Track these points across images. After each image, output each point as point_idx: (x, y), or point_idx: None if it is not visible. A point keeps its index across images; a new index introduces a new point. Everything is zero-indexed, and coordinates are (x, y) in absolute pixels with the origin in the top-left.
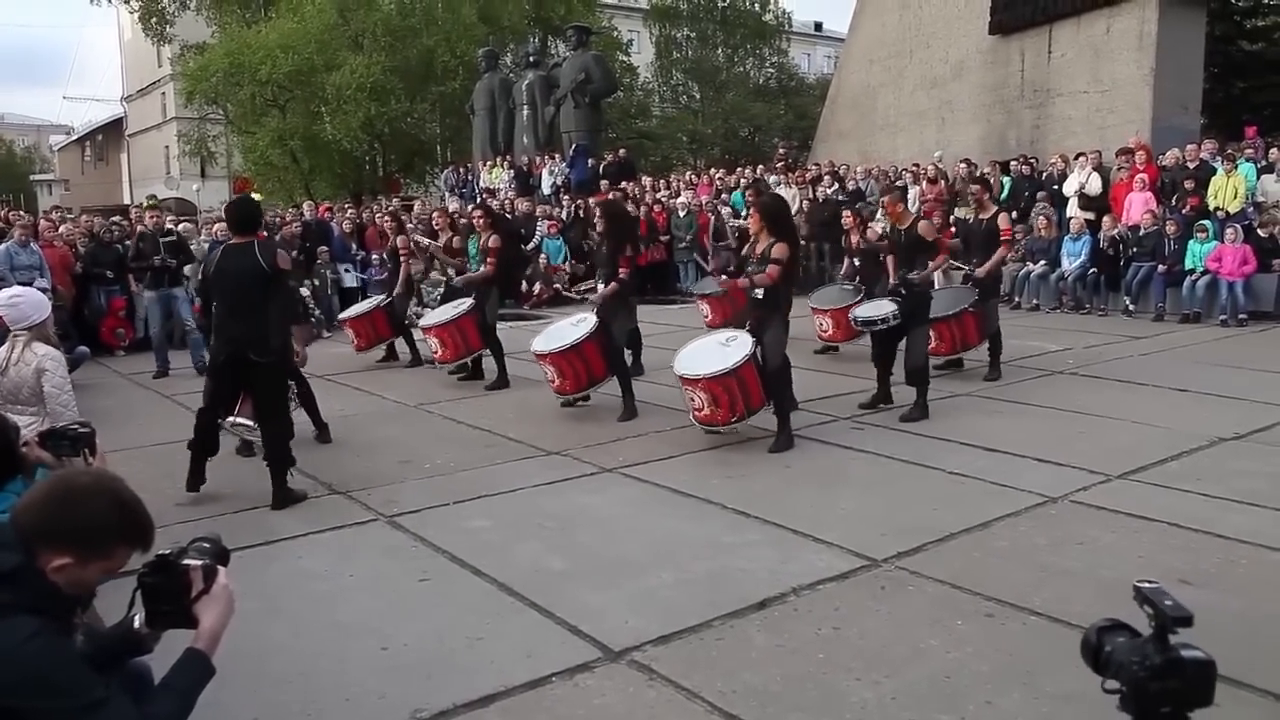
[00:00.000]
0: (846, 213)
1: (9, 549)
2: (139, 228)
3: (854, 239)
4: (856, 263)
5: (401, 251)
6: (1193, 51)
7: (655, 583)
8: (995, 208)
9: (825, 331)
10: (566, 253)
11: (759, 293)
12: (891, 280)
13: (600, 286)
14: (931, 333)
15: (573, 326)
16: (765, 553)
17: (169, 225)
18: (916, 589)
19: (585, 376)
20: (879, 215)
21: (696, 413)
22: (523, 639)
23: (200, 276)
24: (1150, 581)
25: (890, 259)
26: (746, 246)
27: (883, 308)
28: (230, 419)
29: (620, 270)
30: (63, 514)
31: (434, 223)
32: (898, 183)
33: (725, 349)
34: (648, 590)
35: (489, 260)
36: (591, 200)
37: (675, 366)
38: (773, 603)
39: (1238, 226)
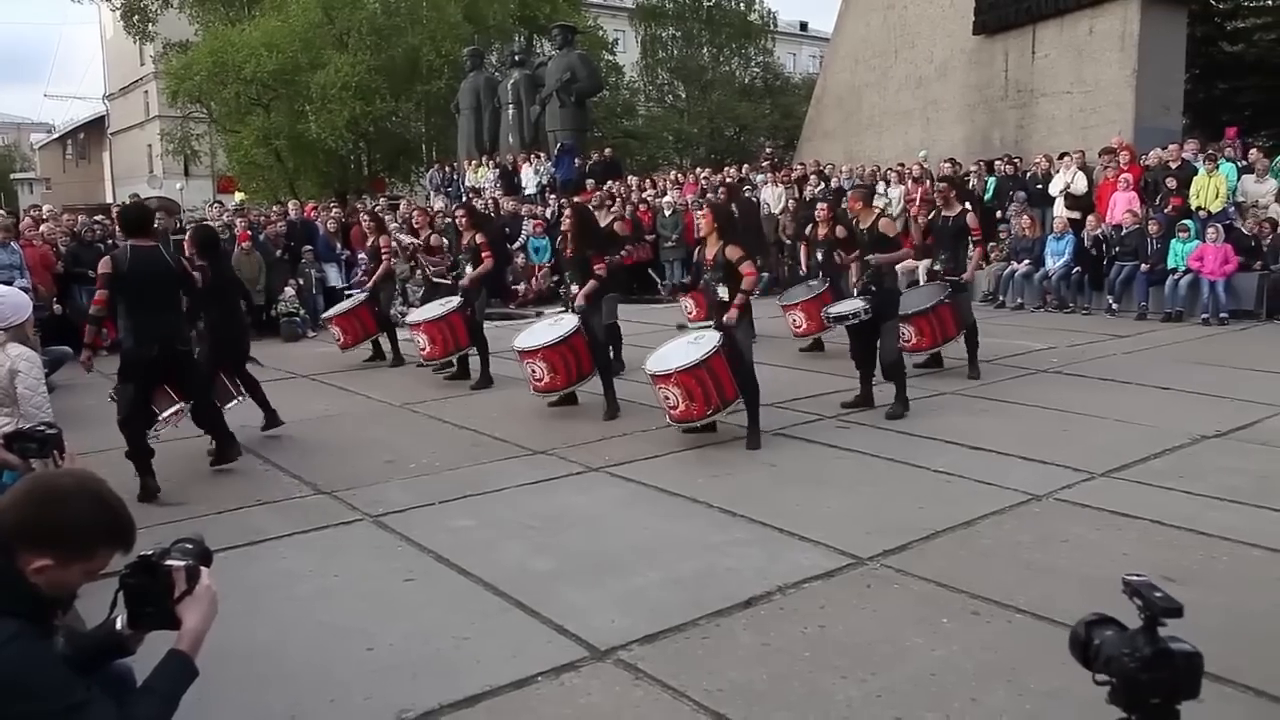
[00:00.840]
0: (821, 205)
1: None
2: None
3: (821, 231)
4: (819, 255)
5: (383, 250)
6: (1174, 52)
7: (641, 582)
8: (961, 206)
9: (799, 326)
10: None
11: (725, 293)
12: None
13: (573, 288)
14: (912, 328)
15: (552, 325)
16: (751, 551)
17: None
18: (902, 587)
19: (576, 370)
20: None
21: (672, 411)
22: (509, 639)
23: (108, 272)
24: (1139, 575)
25: (854, 256)
26: (696, 251)
27: (853, 304)
28: (161, 416)
29: (596, 268)
30: (44, 514)
31: (414, 221)
32: (864, 179)
33: (694, 346)
34: (634, 589)
35: (484, 255)
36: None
37: (646, 367)
38: (759, 601)
39: (1219, 226)
